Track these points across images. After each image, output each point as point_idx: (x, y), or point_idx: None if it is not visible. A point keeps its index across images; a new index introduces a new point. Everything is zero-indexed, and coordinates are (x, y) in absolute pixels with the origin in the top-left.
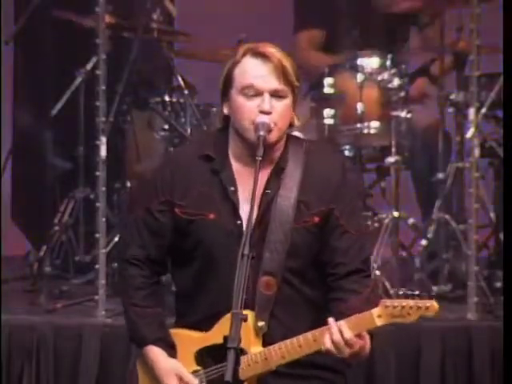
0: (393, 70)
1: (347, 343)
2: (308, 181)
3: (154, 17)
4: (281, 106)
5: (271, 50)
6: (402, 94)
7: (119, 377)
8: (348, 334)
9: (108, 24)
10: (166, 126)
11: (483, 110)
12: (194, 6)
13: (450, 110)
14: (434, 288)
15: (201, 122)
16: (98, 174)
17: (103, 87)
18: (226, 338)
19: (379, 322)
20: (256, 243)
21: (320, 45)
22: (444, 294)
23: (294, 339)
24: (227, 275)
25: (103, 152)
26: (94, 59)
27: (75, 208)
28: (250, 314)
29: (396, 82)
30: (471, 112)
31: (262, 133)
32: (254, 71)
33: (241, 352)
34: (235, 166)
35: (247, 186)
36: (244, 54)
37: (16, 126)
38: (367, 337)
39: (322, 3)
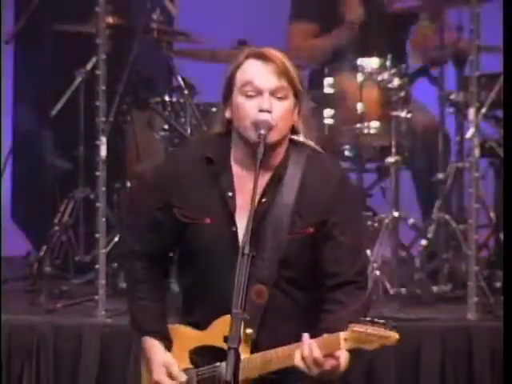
0: (393, 70)
1: (315, 362)
2: (305, 191)
3: (154, 17)
4: (281, 107)
5: (273, 51)
6: (402, 94)
7: (119, 377)
8: (317, 353)
9: (108, 24)
10: (166, 126)
11: (483, 110)
12: (194, 5)
13: (450, 109)
14: (434, 288)
15: (201, 122)
16: (98, 174)
17: (103, 87)
18: (226, 338)
19: (344, 346)
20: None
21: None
22: (444, 294)
23: (272, 352)
24: (220, 281)
25: (103, 152)
26: (93, 59)
27: (75, 208)
28: None
29: (396, 81)
30: (471, 112)
31: (262, 131)
32: (254, 70)
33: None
34: (235, 170)
35: (245, 192)
36: (247, 57)
37: (16, 126)
38: (343, 355)
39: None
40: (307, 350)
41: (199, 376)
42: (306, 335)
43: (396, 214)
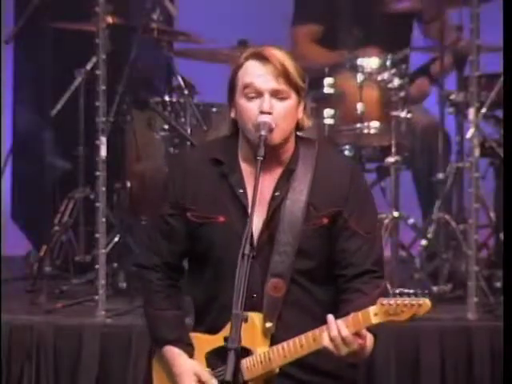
0: (393, 70)
1: (344, 341)
2: (318, 183)
3: (154, 17)
4: (282, 107)
5: (273, 51)
6: (402, 94)
7: (119, 377)
8: (345, 332)
9: (108, 24)
10: (166, 126)
11: (483, 110)
12: (194, 5)
13: (450, 109)
14: (434, 288)
15: (201, 122)
16: (98, 173)
17: (103, 87)
18: (226, 339)
19: (375, 320)
20: (265, 245)
21: (318, 41)
22: (444, 294)
23: (296, 339)
24: (235, 278)
25: (103, 152)
26: (93, 59)
27: (75, 208)
28: (257, 315)
29: (396, 81)
30: (471, 112)
31: (263, 132)
32: (254, 71)
33: (247, 353)
34: (244, 168)
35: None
36: (247, 58)
37: (16, 126)
38: (369, 337)
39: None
40: (335, 330)
41: (217, 378)
42: (330, 316)
43: (396, 213)
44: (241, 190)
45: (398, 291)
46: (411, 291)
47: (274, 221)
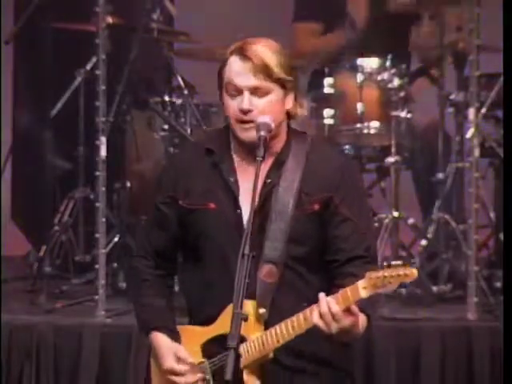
0: (393, 70)
1: (334, 317)
2: (309, 173)
3: (154, 17)
4: (263, 103)
5: (254, 46)
6: (402, 94)
7: (119, 377)
8: (335, 308)
9: (108, 24)
10: (166, 126)
11: (483, 110)
12: (194, 5)
13: (450, 109)
14: (434, 288)
15: (201, 122)
16: (97, 174)
17: (103, 87)
18: (226, 336)
19: (364, 294)
20: (257, 232)
21: (318, 38)
22: (444, 294)
23: (288, 321)
24: (230, 266)
25: (103, 152)
26: (93, 59)
27: (75, 208)
28: (251, 302)
29: (396, 81)
30: (471, 112)
31: (262, 133)
32: (234, 68)
33: (241, 340)
34: (236, 158)
35: (248, 177)
36: (231, 53)
37: (16, 126)
38: (361, 317)
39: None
40: (325, 306)
41: (213, 367)
42: (322, 294)
43: (396, 213)
44: (232, 179)
45: (385, 263)
46: (399, 262)
47: (265, 208)
